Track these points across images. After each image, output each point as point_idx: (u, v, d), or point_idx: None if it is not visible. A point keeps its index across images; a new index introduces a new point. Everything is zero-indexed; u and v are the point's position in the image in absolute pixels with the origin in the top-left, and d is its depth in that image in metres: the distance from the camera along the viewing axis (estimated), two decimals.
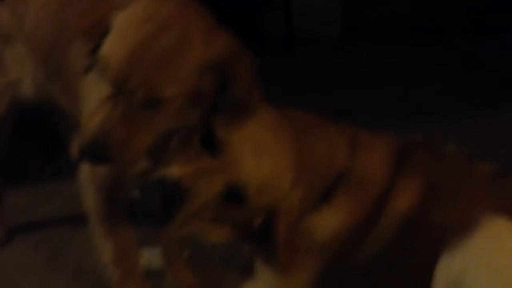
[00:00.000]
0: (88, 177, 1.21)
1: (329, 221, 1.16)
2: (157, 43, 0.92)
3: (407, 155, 1.18)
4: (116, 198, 1.23)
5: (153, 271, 1.46)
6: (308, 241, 1.17)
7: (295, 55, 3.65)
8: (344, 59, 3.75)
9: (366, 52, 3.92)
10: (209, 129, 1.02)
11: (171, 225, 0.98)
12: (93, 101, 1.14)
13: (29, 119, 1.82)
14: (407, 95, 2.91)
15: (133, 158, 0.99)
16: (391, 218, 1.12)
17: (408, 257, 1.10)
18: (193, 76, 0.95)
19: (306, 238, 1.16)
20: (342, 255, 1.17)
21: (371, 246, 1.14)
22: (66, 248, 1.67)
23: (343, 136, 1.20)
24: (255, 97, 1.04)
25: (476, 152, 1.58)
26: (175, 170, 0.99)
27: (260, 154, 1.03)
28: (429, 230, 1.08)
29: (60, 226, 1.78)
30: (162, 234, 1.03)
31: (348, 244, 1.15)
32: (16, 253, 1.65)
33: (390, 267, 1.13)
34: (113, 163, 0.98)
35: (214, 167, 1.00)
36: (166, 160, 1.03)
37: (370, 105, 1.30)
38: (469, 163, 1.20)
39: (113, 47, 0.94)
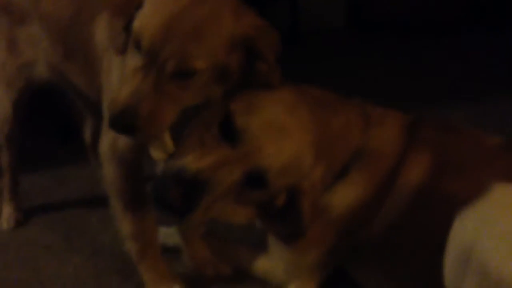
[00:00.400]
0: (109, 151, 1.23)
1: (345, 197, 1.18)
2: (191, 16, 0.95)
3: (417, 129, 1.21)
4: (136, 173, 1.26)
5: (169, 249, 1.48)
6: (324, 217, 1.19)
7: (300, 47, 3.68)
8: (347, 51, 3.82)
9: (369, 46, 3.99)
10: (227, 117, 1.04)
11: (191, 215, 1.00)
12: (117, 76, 1.17)
13: (43, 103, 1.84)
14: (410, 85, 2.97)
15: (159, 130, 1.01)
16: (402, 191, 1.15)
17: (420, 228, 1.13)
18: (222, 51, 0.98)
19: (323, 214, 1.18)
20: (355, 229, 1.20)
21: (383, 218, 1.17)
22: (82, 228, 1.69)
23: (357, 111, 1.22)
24: (278, 74, 1.07)
25: None
26: (193, 162, 0.99)
27: (280, 137, 1.04)
28: (440, 201, 1.11)
29: (76, 207, 1.81)
30: (183, 224, 1.04)
31: (362, 217, 1.18)
32: (33, 233, 1.68)
33: (402, 238, 1.16)
34: (140, 133, 0.99)
35: (233, 156, 1.01)
36: (183, 145, 1.05)
37: (373, 95, 1.33)
38: (478, 136, 1.22)
39: (148, 18, 0.97)
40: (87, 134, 1.85)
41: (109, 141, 1.22)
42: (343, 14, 4.68)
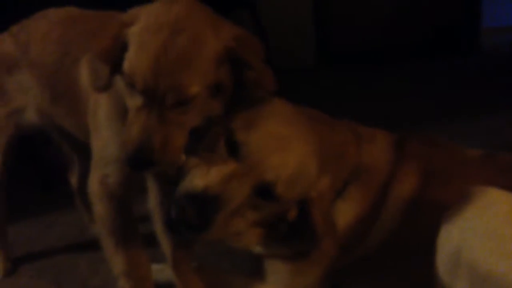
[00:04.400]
0: (100, 188, 1.24)
1: (346, 215, 1.21)
2: (173, 47, 0.98)
3: (404, 145, 1.27)
4: (127, 209, 1.27)
5: (161, 285, 1.48)
6: None
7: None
8: (319, 84, 3.92)
9: (338, 78, 4.10)
10: (230, 134, 1.07)
11: (210, 231, 1.01)
12: (104, 114, 1.20)
13: (24, 151, 1.85)
14: (382, 111, 3.09)
15: (175, 157, 1.04)
16: (395, 203, 1.19)
17: (413, 237, 1.17)
18: (211, 70, 1.02)
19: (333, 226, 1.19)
20: (354, 245, 1.22)
21: (379, 231, 1.20)
22: (71, 273, 1.68)
23: (349, 130, 1.27)
24: (269, 77, 1.10)
25: None
26: (200, 179, 1.02)
27: (282, 149, 1.06)
28: (428, 210, 1.16)
29: (63, 253, 1.81)
30: (203, 240, 1.05)
31: (360, 233, 1.21)
32: (23, 281, 1.66)
33: (397, 249, 1.19)
34: (158, 165, 1.02)
35: (240, 170, 1.03)
36: (191, 166, 1.08)
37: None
38: (459, 149, 1.29)
39: (136, 59, 1.00)
40: (74, 178, 1.85)
41: (99, 179, 1.24)
42: (314, 51, 4.84)
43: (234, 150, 1.06)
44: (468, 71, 4.26)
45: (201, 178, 1.02)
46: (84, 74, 1.28)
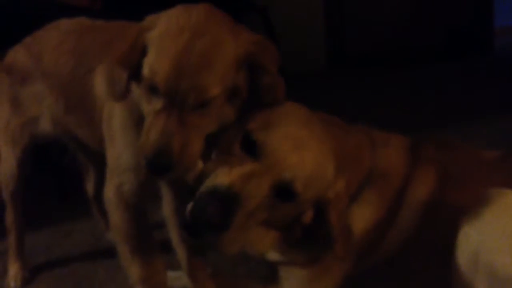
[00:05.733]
0: (115, 197, 1.25)
1: (362, 220, 1.20)
2: (195, 49, 0.99)
3: (419, 149, 1.26)
4: (142, 216, 1.28)
5: None
6: None
7: (287, 88, 3.81)
8: (330, 88, 3.92)
9: (349, 82, 4.12)
10: (246, 135, 1.07)
11: (231, 230, 1.00)
12: (119, 122, 1.21)
13: (39, 160, 1.87)
14: (394, 114, 3.07)
15: (193, 161, 1.05)
16: (411, 208, 1.18)
17: (431, 241, 1.16)
18: (231, 72, 1.03)
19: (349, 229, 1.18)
20: (370, 251, 1.22)
21: (395, 237, 1.19)
22: (89, 280, 1.69)
23: (364, 135, 1.27)
24: (282, 85, 1.11)
25: None
26: (223, 179, 1.01)
27: (299, 148, 1.06)
28: (446, 213, 1.14)
29: (81, 261, 1.82)
30: (221, 242, 1.02)
31: (376, 239, 1.20)
32: None
33: (414, 254, 1.18)
34: (177, 169, 1.01)
35: (259, 169, 1.03)
36: (210, 169, 1.07)
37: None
38: (476, 151, 1.27)
39: (157, 62, 1.01)
40: (90, 186, 1.87)
41: (114, 187, 1.25)
42: (325, 54, 4.84)
43: (251, 150, 1.06)
44: (482, 71, 4.23)
45: (225, 176, 1.02)
46: (98, 83, 1.29)
